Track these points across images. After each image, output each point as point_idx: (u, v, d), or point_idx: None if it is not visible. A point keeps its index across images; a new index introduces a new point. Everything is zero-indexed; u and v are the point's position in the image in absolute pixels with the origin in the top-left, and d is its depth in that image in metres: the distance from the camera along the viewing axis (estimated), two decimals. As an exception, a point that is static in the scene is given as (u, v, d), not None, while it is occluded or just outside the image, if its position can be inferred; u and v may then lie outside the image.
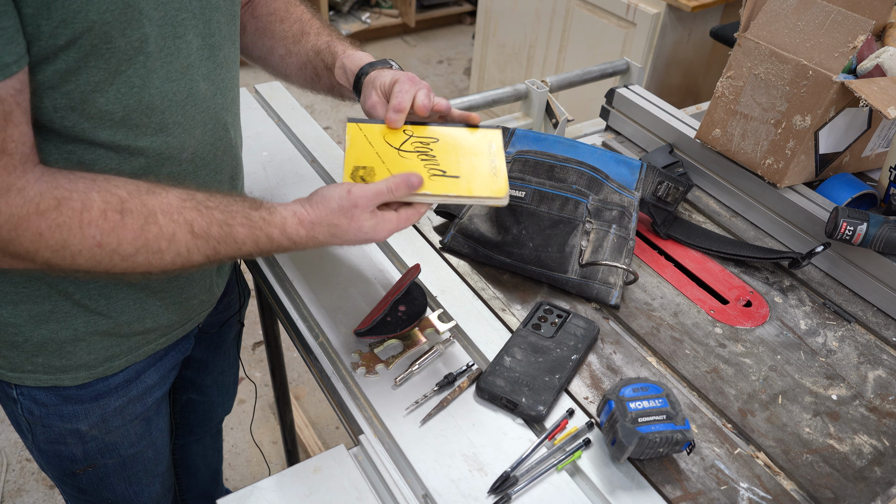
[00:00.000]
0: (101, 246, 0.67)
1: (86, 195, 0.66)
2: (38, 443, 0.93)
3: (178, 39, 0.71)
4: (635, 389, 0.79)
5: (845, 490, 0.80)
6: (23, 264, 0.67)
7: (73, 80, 0.65)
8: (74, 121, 0.68)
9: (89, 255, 0.67)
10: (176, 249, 0.70)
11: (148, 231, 0.68)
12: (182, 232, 0.70)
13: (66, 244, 0.65)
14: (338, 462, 0.80)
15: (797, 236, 1.12)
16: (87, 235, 0.66)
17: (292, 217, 0.75)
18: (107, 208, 0.67)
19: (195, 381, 1.20)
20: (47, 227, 0.64)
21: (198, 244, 0.71)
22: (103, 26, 0.63)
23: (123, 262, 0.69)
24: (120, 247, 0.67)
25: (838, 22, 1.03)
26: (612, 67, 1.54)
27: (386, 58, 0.92)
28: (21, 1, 0.58)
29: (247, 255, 0.75)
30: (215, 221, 0.72)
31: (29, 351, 0.83)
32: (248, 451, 2.00)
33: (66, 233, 0.65)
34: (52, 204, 0.64)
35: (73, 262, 0.67)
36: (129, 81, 0.68)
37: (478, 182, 0.81)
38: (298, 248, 0.76)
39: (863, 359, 0.97)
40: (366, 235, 0.75)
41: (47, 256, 0.66)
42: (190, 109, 0.76)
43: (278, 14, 0.96)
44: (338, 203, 0.74)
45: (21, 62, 0.60)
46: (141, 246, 0.68)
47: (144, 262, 0.70)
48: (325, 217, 0.75)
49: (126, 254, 0.68)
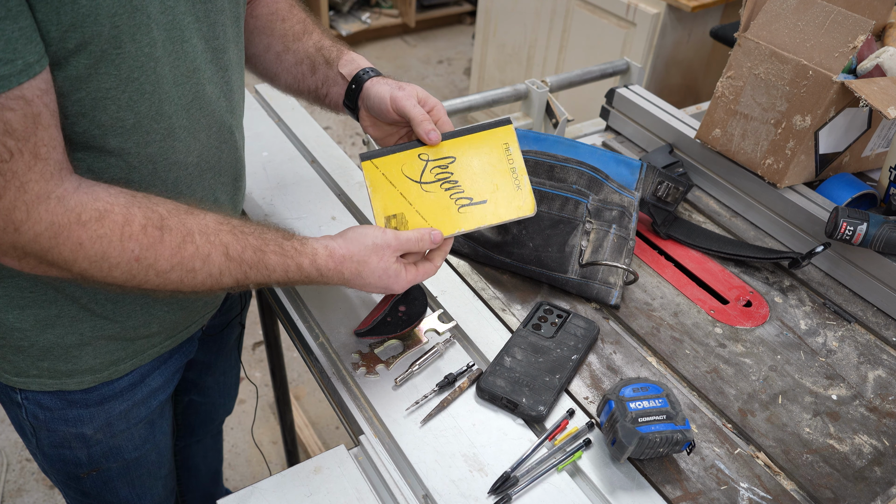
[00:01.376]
0: (139, 260, 0.67)
1: (127, 210, 0.67)
2: (43, 447, 0.93)
3: (185, 43, 0.71)
4: (635, 389, 0.79)
5: (845, 490, 0.80)
6: (57, 272, 0.67)
7: (85, 88, 0.65)
8: (85, 127, 0.68)
9: (126, 268, 0.67)
10: (209, 270, 0.71)
11: (185, 250, 0.69)
12: (217, 254, 0.71)
13: (106, 256, 0.66)
14: (338, 462, 0.80)
15: (797, 236, 1.12)
16: (127, 249, 0.66)
17: (323, 249, 0.77)
18: (147, 224, 0.67)
19: (197, 382, 1.20)
20: (88, 238, 0.64)
21: (230, 267, 0.72)
22: (113, 30, 0.62)
23: (158, 277, 0.69)
24: (157, 263, 0.68)
25: (838, 22, 1.03)
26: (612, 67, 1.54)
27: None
28: (32, 6, 0.57)
29: (274, 283, 0.77)
30: (249, 246, 0.74)
31: (34, 355, 0.83)
32: (248, 452, 2.00)
33: (107, 245, 0.65)
34: (94, 216, 0.65)
35: (110, 274, 0.67)
36: (142, 88, 0.68)
37: (504, 202, 0.82)
38: (323, 280, 0.78)
39: (863, 359, 0.97)
40: (388, 280, 0.79)
41: (84, 267, 0.66)
42: (195, 113, 0.76)
43: (280, 13, 0.96)
44: (372, 241, 0.78)
45: (43, 62, 0.60)
46: (176, 263, 0.69)
47: (177, 280, 0.71)
48: (357, 253, 0.77)
49: (161, 270, 0.69)
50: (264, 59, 0.97)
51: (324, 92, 0.93)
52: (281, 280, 0.76)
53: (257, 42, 0.96)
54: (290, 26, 0.95)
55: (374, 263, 0.78)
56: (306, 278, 0.77)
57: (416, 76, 3.92)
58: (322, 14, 3.91)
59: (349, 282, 0.79)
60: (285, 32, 0.95)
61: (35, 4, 0.58)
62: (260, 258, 0.74)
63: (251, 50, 0.97)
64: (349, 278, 0.78)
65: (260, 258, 0.74)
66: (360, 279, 0.78)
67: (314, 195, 1.15)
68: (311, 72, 0.93)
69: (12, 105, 0.58)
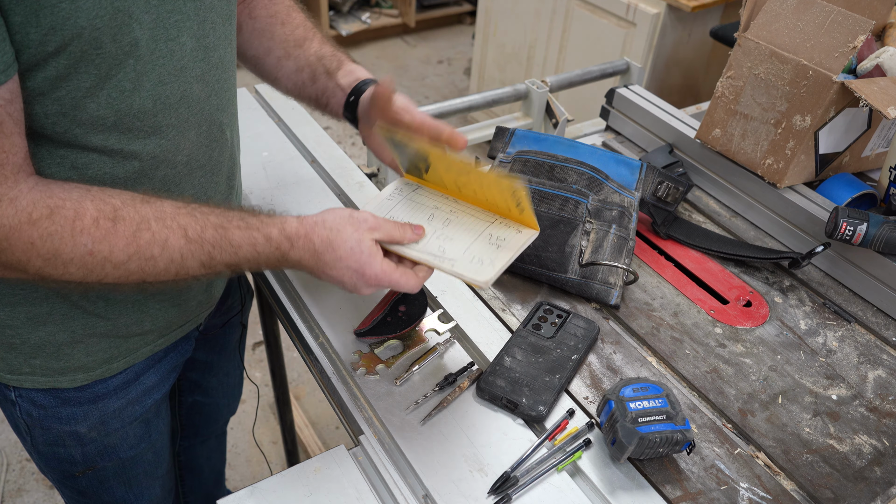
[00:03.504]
0: (93, 254, 0.66)
1: (79, 204, 0.66)
2: (37, 445, 0.93)
3: (171, 42, 0.71)
4: (635, 389, 0.79)
5: (845, 490, 0.80)
6: (15, 274, 0.67)
7: (64, 87, 0.65)
8: (66, 126, 0.68)
9: (80, 263, 0.66)
10: (169, 255, 0.69)
11: (140, 237, 0.68)
12: (175, 237, 0.69)
13: (58, 253, 0.65)
14: (338, 462, 0.80)
15: (797, 236, 1.12)
16: (79, 244, 0.65)
17: (293, 218, 0.74)
18: (99, 216, 0.66)
19: (200, 383, 1.20)
20: (39, 237, 0.64)
21: (192, 249, 0.70)
22: (93, 32, 0.62)
23: (115, 270, 0.68)
24: (112, 255, 0.67)
25: (838, 22, 1.03)
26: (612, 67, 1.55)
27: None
28: (8, 10, 0.57)
29: (245, 264, 0.73)
30: (210, 224, 0.71)
31: (27, 353, 0.83)
32: (249, 451, 2.00)
33: (58, 241, 0.65)
34: (44, 213, 0.64)
35: (65, 270, 0.67)
36: (120, 86, 0.68)
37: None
38: (295, 251, 0.73)
39: (863, 359, 0.97)
40: (361, 256, 0.73)
41: (39, 266, 0.65)
42: (184, 112, 0.76)
43: (279, 17, 0.96)
44: (349, 213, 0.75)
45: (9, 72, 0.60)
46: (133, 253, 0.68)
47: (137, 270, 0.69)
48: (330, 220, 0.74)
49: (118, 261, 0.68)
50: (265, 62, 0.97)
51: (324, 101, 0.94)
52: (250, 258, 0.73)
53: (257, 45, 0.96)
54: (291, 31, 0.95)
55: (348, 234, 0.73)
56: (276, 250, 0.73)
57: (416, 76, 3.92)
58: (322, 14, 3.91)
59: (320, 255, 0.73)
60: (286, 37, 0.95)
61: (13, 8, 0.57)
62: (222, 235, 0.71)
63: (251, 52, 0.97)
64: (319, 249, 0.73)
65: (222, 235, 0.71)
66: (330, 251, 0.73)
67: (314, 195, 1.15)
68: (312, 81, 0.94)
69: None
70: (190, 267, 0.71)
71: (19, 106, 0.63)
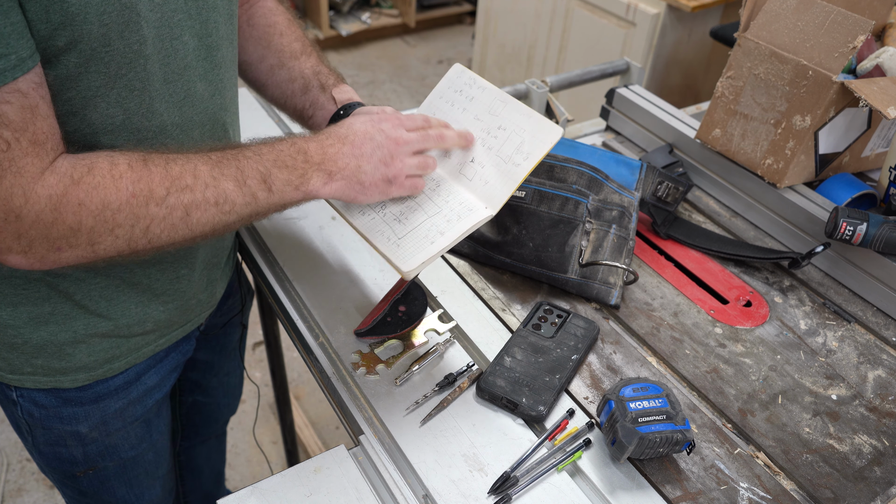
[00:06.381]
0: (135, 195, 0.66)
1: (111, 157, 0.67)
2: (39, 445, 0.93)
3: (175, 41, 0.71)
4: (635, 389, 0.79)
5: (845, 490, 0.80)
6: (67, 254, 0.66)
7: (74, 87, 0.65)
8: (76, 126, 0.68)
9: (128, 208, 0.66)
10: (203, 181, 0.69)
11: (171, 169, 0.68)
12: (202, 163, 0.70)
13: (106, 203, 0.65)
14: (338, 462, 0.80)
15: (797, 236, 1.12)
16: (121, 188, 0.66)
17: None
18: (131, 161, 0.67)
19: (201, 383, 1.20)
20: (85, 193, 0.64)
21: (221, 168, 0.71)
22: (102, 28, 0.63)
23: (158, 207, 0.67)
24: (152, 191, 0.67)
25: (838, 22, 1.03)
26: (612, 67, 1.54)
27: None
28: (21, 3, 0.58)
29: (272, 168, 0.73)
30: (228, 147, 0.73)
31: (28, 353, 0.83)
32: (249, 451, 2.00)
33: (103, 191, 0.65)
34: (84, 171, 0.65)
35: (114, 222, 0.66)
36: (130, 85, 0.69)
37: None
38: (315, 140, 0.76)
39: (863, 359, 0.97)
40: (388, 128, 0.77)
41: (90, 226, 0.65)
42: (187, 110, 0.76)
43: (278, 28, 0.96)
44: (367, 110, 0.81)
45: (35, 57, 0.61)
46: (170, 185, 0.68)
47: (178, 203, 0.68)
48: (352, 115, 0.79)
49: (159, 197, 0.67)
50: (256, 68, 0.97)
51: (309, 113, 0.94)
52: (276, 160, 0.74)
53: (251, 51, 0.96)
54: (288, 43, 0.96)
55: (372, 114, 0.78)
56: (294, 145, 0.75)
57: (416, 76, 3.92)
58: (322, 14, 3.91)
59: (342, 136, 0.77)
60: (282, 48, 0.95)
61: (24, 3, 0.58)
62: (240, 150, 0.73)
63: (243, 57, 0.97)
64: (339, 131, 0.77)
65: (240, 150, 0.73)
66: (352, 132, 0.76)
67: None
68: (303, 92, 0.93)
69: (9, 98, 0.59)
70: (226, 189, 0.71)
71: (48, 91, 0.63)
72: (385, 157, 0.77)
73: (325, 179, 0.75)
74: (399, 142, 0.77)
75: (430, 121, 0.83)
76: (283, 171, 0.73)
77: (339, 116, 0.88)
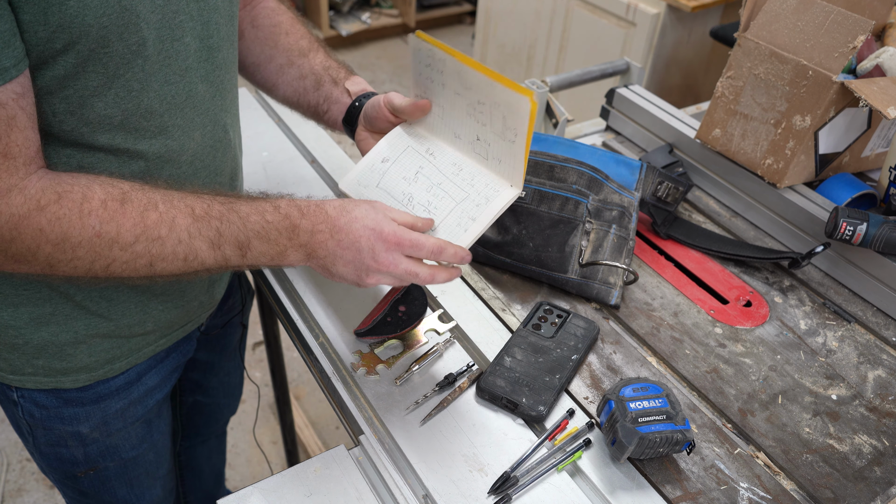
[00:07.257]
0: (100, 235, 0.66)
1: (87, 188, 0.66)
2: (39, 445, 0.93)
3: (176, 42, 0.71)
4: (635, 389, 0.79)
5: (845, 490, 0.80)
6: (24, 267, 0.67)
7: (72, 86, 0.65)
8: (73, 125, 0.68)
9: (88, 246, 0.66)
10: (177, 236, 0.69)
11: (147, 217, 0.67)
12: (182, 216, 0.69)
13: (66, 236, 0.65)
14: (338, 462, 0.80)
15: (797, 236, 1.12)
16: (87, 225, 0.65)
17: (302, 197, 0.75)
18: (107, 198, 0.66)
19: (201, 383, 1.20)
20: (47, 222, 0.64)
21: (199, 227, 0.70)
22: (100, 30, 0.63)
23: (123, 252, 0.67)
24: (119, 235, 0.66)
25: (838, 22, 1.03)
26: (612, 67, 1.54)
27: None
28: (18, 8, 0.58)
29: (253, 238, 0.72)
30: (217, 202, 0.71)
31: (29, 353, 0.83)
32: (249, 451, 2.00)
33: (66, 224, 0.65)
34: (52, 198, 0.64)
35: (74, 255, 0.66)
36: (128, 85, 0.68)
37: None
38: (306, 219, 0.72)
39: (863, 359, 0.97)
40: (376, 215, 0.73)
41: (48, 252, 0.65)
42: (189, 112, 0.76)
43: (283, 27, 0.96)
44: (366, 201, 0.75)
45: (20, 66, 0.60)
46: (140, 233, 0.67)
47: (145, 252, 0.68)
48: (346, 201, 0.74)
49: (125, 242, 0.67)
50: (265, 69, 0.97)
51: (324, 108, 0.94)
52: (260, 231, 0.71)
53: (258, 52, 0.96)
54: (295, 41, 0.96)
55: (364, 209, 0.73)
56: (286, 219, 0.72)
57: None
58: (322, 14, 3.91)
59: (333, 220, 0.72)
60: (290, 46, 0.95)
61: (22, 6, 0.58)
62: (230, 207, 0.71)
63: (250, 59, 0.97)
64: (333, 215, 0.73)
65: (230, 207, 0.71)
66: (345, 214, 0.72)
67: (314, 195, 1.16)
68: (315, 88, 0.94)
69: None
70: (199, 249, 0.70)
71: (31, 101, 0.63)
72: (360, 271, 0.74)
73: (301, 258, 0.74)
74: (382, 266, 0.73)
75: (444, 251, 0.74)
76: (263, 244, 0.72)
77: (356, 108, 0.88)
